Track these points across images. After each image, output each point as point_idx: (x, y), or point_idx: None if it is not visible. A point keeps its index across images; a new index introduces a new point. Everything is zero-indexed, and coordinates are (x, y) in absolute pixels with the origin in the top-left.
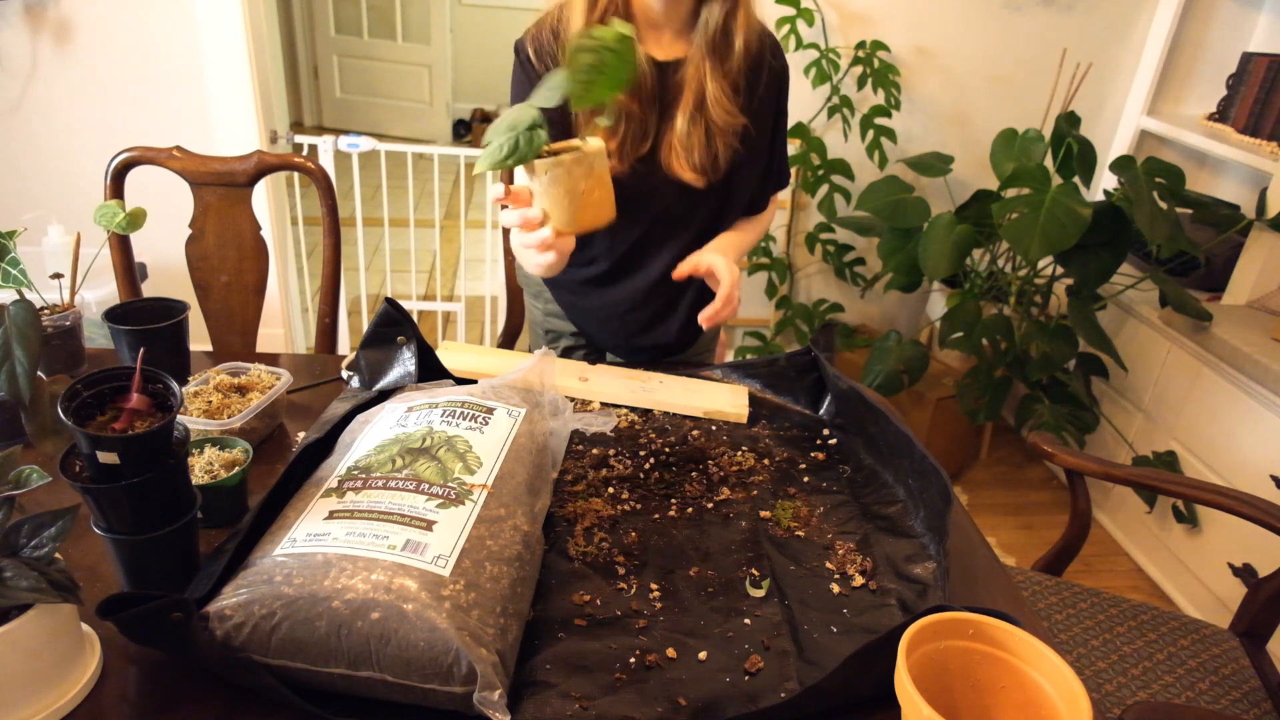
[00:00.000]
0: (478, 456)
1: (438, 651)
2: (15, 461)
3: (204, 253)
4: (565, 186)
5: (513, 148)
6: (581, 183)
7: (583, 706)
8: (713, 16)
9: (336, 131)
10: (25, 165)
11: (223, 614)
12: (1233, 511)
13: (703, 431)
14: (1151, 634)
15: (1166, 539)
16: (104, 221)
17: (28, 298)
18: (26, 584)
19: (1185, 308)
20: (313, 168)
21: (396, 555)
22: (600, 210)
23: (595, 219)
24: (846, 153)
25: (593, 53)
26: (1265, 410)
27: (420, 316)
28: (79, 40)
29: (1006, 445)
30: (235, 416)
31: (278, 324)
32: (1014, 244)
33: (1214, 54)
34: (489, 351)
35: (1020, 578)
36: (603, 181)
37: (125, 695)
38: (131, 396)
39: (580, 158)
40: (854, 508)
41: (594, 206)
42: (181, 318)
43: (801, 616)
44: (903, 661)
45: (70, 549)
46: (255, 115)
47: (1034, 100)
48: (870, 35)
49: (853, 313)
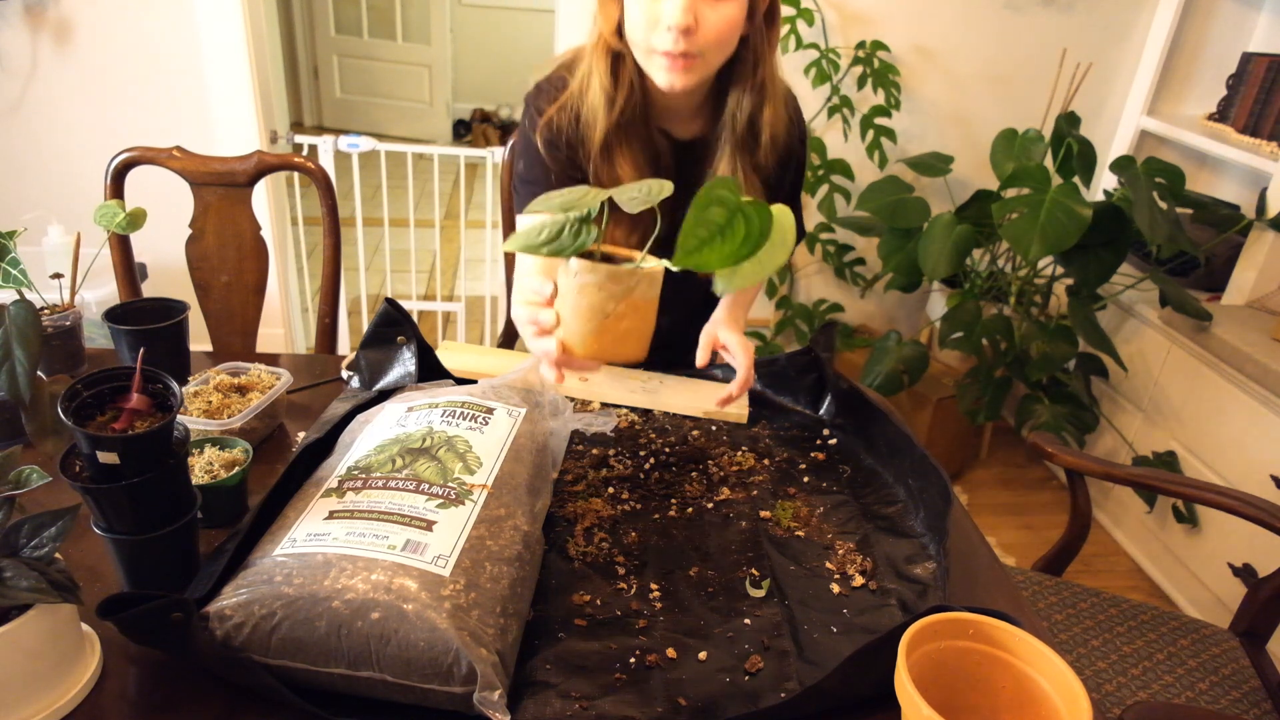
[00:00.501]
0: (478, 456)
1: (438, 651)
2: (15, 461)
3: (204, 253)
4: (592, 301)
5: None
6: (611, 303)
7: (583, 706)
8: (741, 109)
9: (336, 131)
10: (25, 165)
11: (223, 614)
12: (1233, 511)
13: (703, 431)
14: (1151, 634)
15: (1166, 539)
16: (104, 221)
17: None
18: (26, 584)
19: (1185, 308)
20: (313, 168)
21: (396, 555)
22: (625, 344)
23: (616, 351)
24: (846, 153)
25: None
26: (1265, 410)
27: (420, 316)
28: (79, 40)
29: (1006, 445)
30: (235, 416)
31: (278, 324)
32: (1014, 244)
33: (1214, 54)
34: (489, 351)
35: (1020, 578)
36: (639, 311)
37: (125, 695)
38: (131, 396)
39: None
40: (854, 508)
41: (618, 337)
42: (181, 318)
43: (801, 616)
44: (903, 661)
45: (70, 549)
46: (255, 115)
47: (1034, 100)
48: (870, 35)
49: (853, 313)
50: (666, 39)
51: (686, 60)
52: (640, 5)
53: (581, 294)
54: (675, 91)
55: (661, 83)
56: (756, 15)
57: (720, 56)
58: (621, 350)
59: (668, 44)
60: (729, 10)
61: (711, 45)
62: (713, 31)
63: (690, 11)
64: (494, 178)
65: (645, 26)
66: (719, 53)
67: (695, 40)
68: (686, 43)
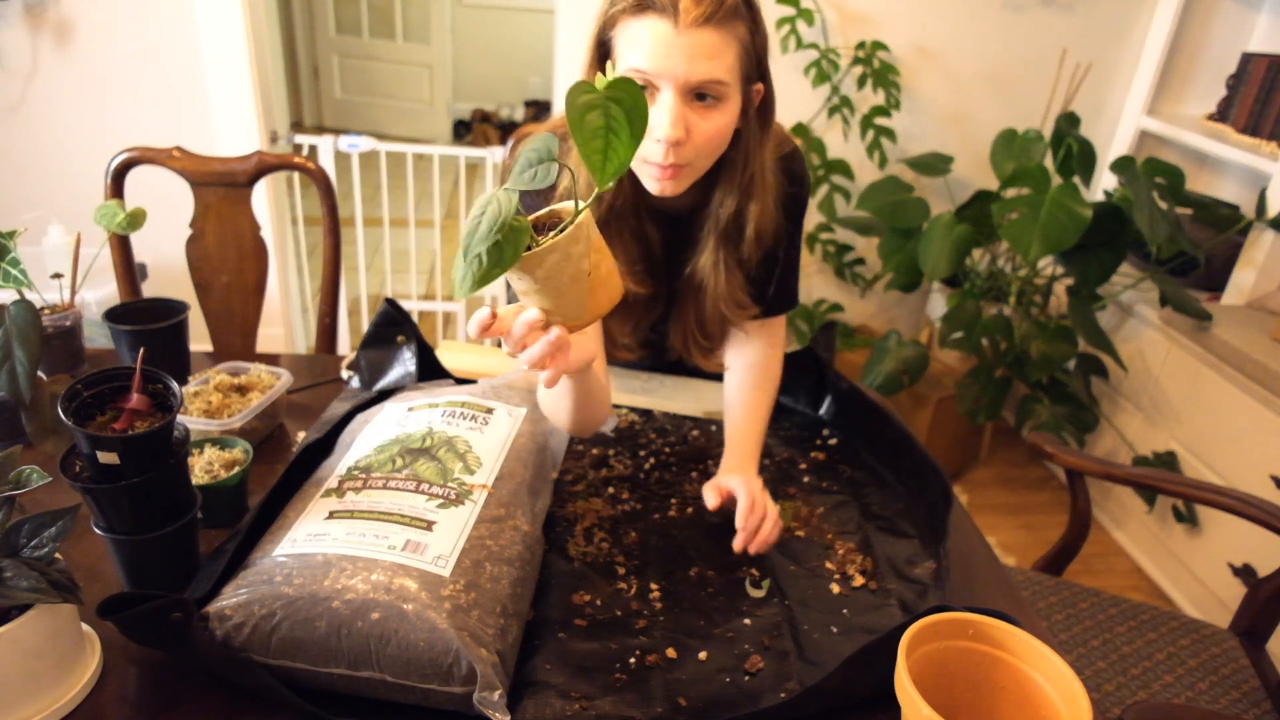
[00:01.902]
0: (478, 457)
1: (437, 652)
2: (15, 461)
3: (204, 253)
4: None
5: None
6: (583, 261)
7: (583, 707)
8: (725, 206)
9: (336, 131)
10: (25, 165)
11: (223, 614)
12: (1233, 511)
13: (702, 432)
14: (1151, 634)
15: (1166, 539)
16: (104, 221)
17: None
18: (26, 584)
19: (1185, 308)
20: (313, 168)
21: (396, 555)
22: (611, 285)
23: (610, 297)
24: (846, 153)
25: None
26: (1265, 410)
27: (420, 316)
28: (79, 40)
29: (1006, 445)
30: (235, 416)
31: (278, 324)
32: (1014, 244)
33: (1214, 54)
34: (489, 351)
35: (1020, 578)
36: (602, 249)
37: (125, 695)
38: (131, 396)
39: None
40: (854, 508)
41: (603, 283)
42: (181, 318)
43: (801, 616)
44: (903, 661)
45: (70, 549)
46: (255, 115)
47: (1034, 100)
48: (870, 35)
49: (853, 313)
50: (656, 150)
51: (676, 170)
52: None
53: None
54: (667, 195)
55: (652, 190)
56: (749, 110)
57: (710, 161)
58: (613, 290)
59: (658, 156)
60: (720, 119)
61: (703, 154)
62: (703, 140)
63: (680, 124)
64: (494, 178)
65: None
66: (709, 159)
67: (684, 151)
68: (676, 155)
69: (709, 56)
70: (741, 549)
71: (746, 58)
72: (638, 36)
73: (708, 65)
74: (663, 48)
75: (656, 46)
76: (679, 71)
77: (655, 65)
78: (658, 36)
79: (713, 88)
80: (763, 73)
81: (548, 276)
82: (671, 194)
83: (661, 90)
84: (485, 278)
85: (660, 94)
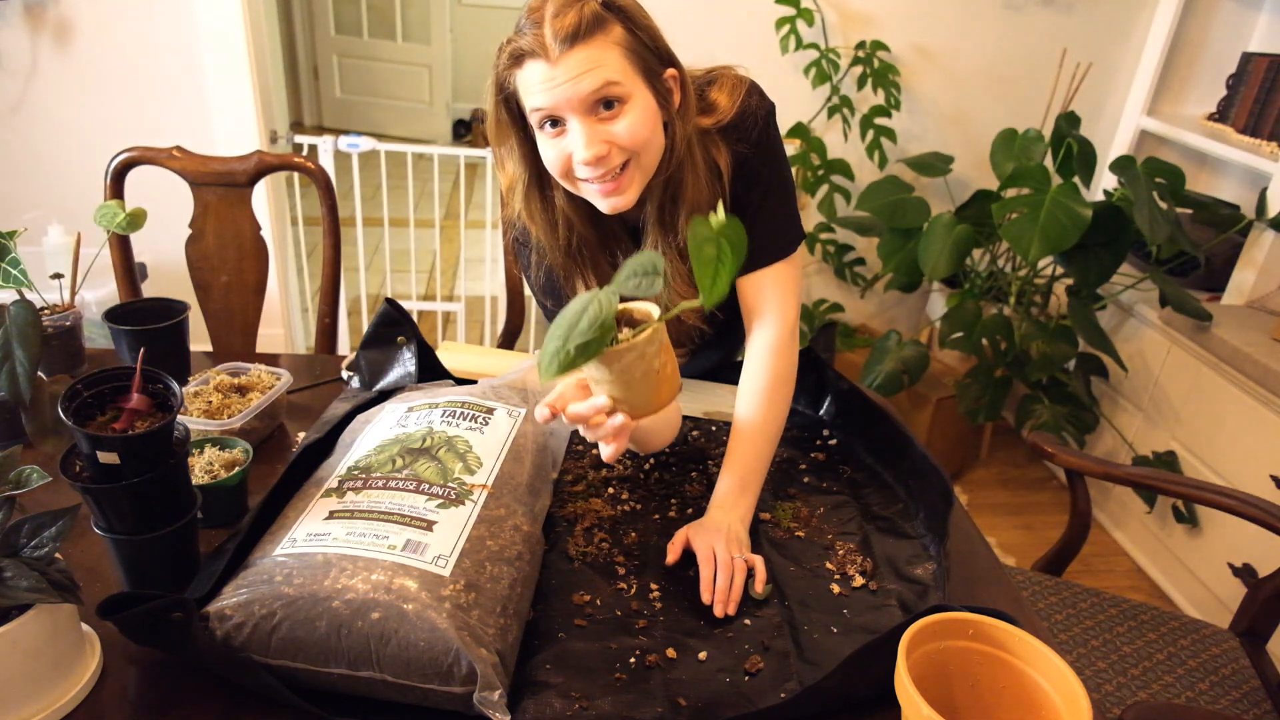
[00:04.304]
0: (478, 456)
1: (438, 651)
2: (15, 461)
3: (204, 253)
4: (640, 370)
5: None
6: (655, 361)
7: (583, 707)
8: (653, 195)
9: (336, 131)
10: (25, 165)
11: (223, 614)
12: (1233, 511)
13: (702, 432)
14: (1151, 634)
15: (1166, 539)
16: (104, 221)
17: (28, 298)
18: (26, 584)
19: (1185, 308)
20: (312, 168)
21: (396, 555)
22: (674, 381)
23: (671, 392)
24: (846, 153)
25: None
26: (1265, 410)
27: (420, 316)
28: (79, 40)
29: (1006, 445)
30: (235, 417)
31: (278, 324)
32: (1014, 244)
33: (1214, 54)
34: (489, 351)
35: (1020, 578)
36: (668, 350)
37: (125, 695)
38: (131, 396)
39: (654, 336)
40: (854, 508)
41: (668, 381)
42: (181, 318)
43: (801, 617)
44: (903, 661)
45: (70, 549)
46: (255, 115)
47: (1034, 100)
48: (870, 35)
49: (853, 313)
50: (585, 171)
51: (618, 179)
52: (550, 146)
53: (629, 370)
54: (622, 210)
55: (605, 209)
56: (672, 99)
57: (651, 154)
58: (674, 386)
59: (588, 174)
60: (633, 115)
61: (638, 148)
62: (628, 139)
63: (595, 140)
64: (494, 177)
65: (561, 166)
66: (648, 153)
67: (611, 158)
68: (605, 165)
69: (589, 69)
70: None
71: (633, 53)
72: (528, 84)
73: (591, 77)
74: (548, 83)
75: (543, 85)
76: (570, 95)
77: (550, 100)
78: (541, 76)
79: (609, 90)
80: (666, 58)
81: (623, 371)
82: (625, 207)
83: (568, 120)
84: (571, 366)
85: (568, 123)
